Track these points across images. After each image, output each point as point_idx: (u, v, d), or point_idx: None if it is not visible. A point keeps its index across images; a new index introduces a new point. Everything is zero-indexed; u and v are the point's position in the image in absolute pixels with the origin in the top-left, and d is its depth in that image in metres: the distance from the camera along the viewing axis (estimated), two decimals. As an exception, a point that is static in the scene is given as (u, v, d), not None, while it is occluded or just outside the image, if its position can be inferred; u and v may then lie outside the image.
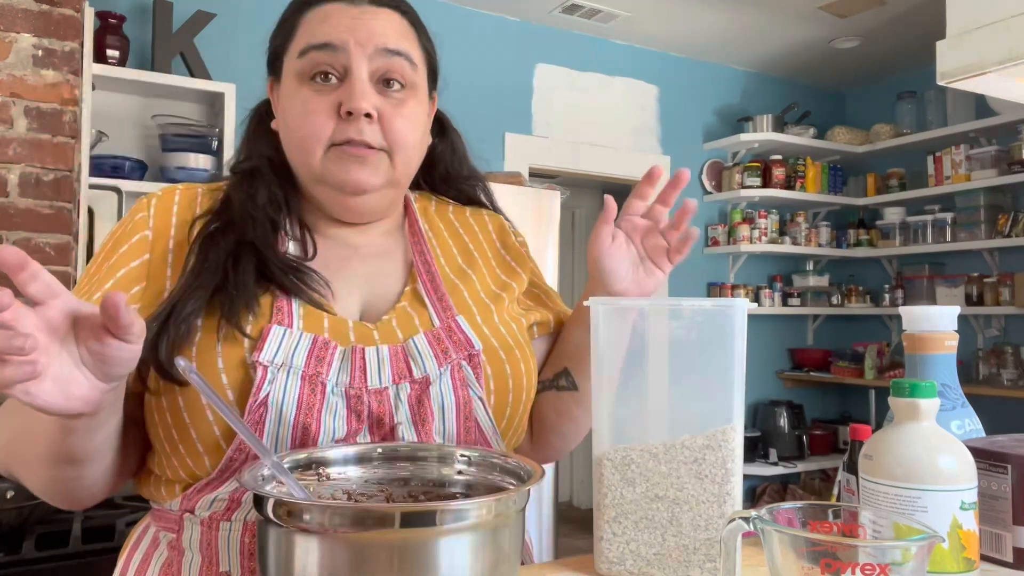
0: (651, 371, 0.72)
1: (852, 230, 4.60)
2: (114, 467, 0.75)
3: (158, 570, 0.77)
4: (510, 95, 3.85)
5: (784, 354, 4.71)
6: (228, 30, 3.16)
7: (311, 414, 0.73)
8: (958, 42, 1.25)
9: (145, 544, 0.81)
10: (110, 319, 0.54)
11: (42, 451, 0.68)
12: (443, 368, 0.78)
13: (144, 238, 0.81)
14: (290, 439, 0.73)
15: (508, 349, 0.84)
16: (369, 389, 0.75)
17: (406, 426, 0.76)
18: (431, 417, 0.77)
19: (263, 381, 0.72)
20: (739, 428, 0.69)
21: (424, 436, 0.76)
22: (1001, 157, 3.85)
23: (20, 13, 2.04)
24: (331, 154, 0.81)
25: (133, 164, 2.81)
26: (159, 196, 0.85)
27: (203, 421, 0.73)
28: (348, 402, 0.74)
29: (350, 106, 0.79)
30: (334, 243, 0.87)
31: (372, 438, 0.76)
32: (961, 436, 0.81)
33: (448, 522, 0.52)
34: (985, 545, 0.75)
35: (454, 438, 0.78)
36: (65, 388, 0.55)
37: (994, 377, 3.84)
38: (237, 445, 0.72)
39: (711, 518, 0.68)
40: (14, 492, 1.34)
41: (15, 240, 2.01)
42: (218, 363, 0.73)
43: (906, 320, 0.84)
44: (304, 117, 0.80)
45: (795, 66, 4.51)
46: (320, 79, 0.81)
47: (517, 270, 0.96)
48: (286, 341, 0.74)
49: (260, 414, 0.72)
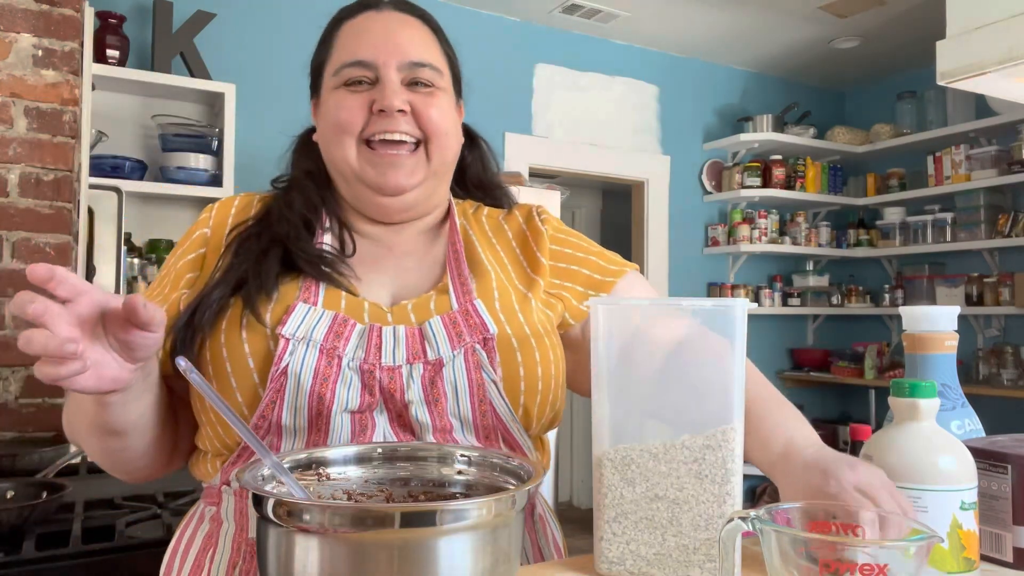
0: (651, 371, 0.72)
1: (852, 230, 4.60)
2: (161, 444, 0.84)
3: (200, 541, 0.84)
4: (510, 95, 3.85)
5: (784, 354, 4.71)
6: (228, 30, 3.16)
7: (326, 385, 0.78)
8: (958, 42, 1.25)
9: (194, 521, 0.87)
10: (130, 315, 0.61)
11: (88, 423, 0.77)
12: (456, 351, 0.81)
13: (203, 235, 0.91)
14: (307, 407, 0.78)
15: (523, 339, 0.84)
16: (382, 366, 0.79)
17: (418, 405, 0.79)
18: (444, 397, 0.80)
19: (284, 352, 0.78)
20: (739, 428, 0.69)
21: (437, 416, 0.79)
22: (1001, 157, 3.85)
23: (20, 13, 2.04)
24: (366, 155, 0.87)
25: (133, 164, 2.81)
26: (222, 201, 0.95)
27: (228, 390, 0.79)
28: (362, 377, 0.79)
29: (382, 104, 0.85)
30: (370, 242, 0.92)
31: (388, 414, 0.80)
32: (961, 436, 0.81)
33: (448, 522, 0.52)
34: (985, 545, 0.75)
35: (470, 420, 0.81)
36: (97, 371, 0.62)
37: (994, 377, 3.84)
38: (261, 412, 0.78)
39: (711, 518, 0.68)
40: (14, 492, 1.34)
41: (15, 240, 2.01)
42: (242, 336, 0.80)
43: (906, 320, 0.84)
44: (338, 112, 0.87)
45: (795, 66, 4.51)
46: (353, 84, 0.88)
47: (540, 258, 0.94)
48: (309, 317, 0.80)
49: (281, 383, 0.77)
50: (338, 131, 0.87)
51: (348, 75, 0.87)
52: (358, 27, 0.90)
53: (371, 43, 0.87)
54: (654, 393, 0.72)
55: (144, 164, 2.87)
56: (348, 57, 0.87)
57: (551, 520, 0.95)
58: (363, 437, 0.79)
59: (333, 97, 0.88)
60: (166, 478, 1.67)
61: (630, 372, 0.72)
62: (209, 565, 0.81)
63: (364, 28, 0.89)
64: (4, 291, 2.00)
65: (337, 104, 0.87)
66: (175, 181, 2.85)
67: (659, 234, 4.26)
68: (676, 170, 4.37)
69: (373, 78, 0.87)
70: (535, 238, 0.95)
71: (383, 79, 0.86)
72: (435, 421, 0.79)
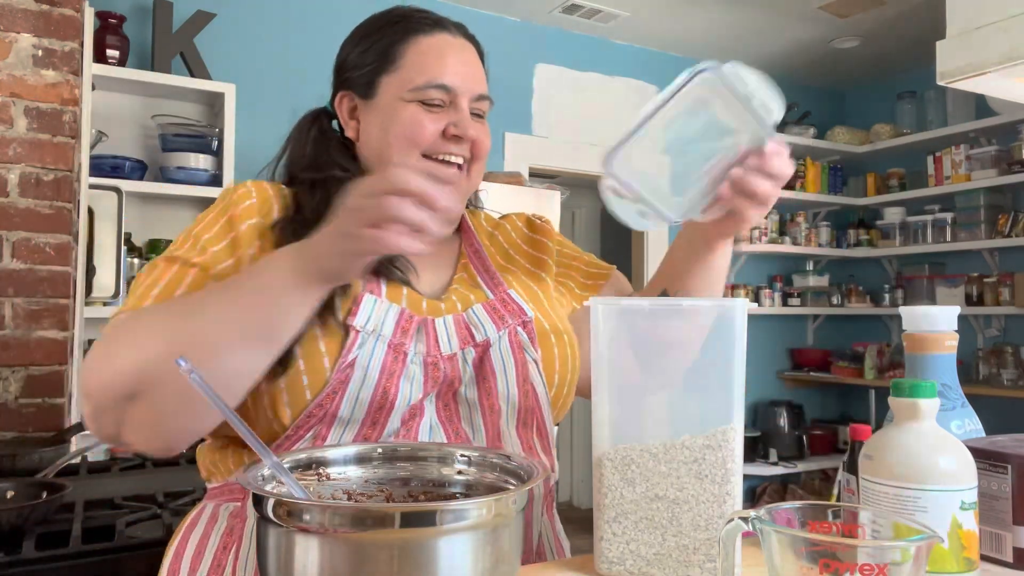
0: (651, 371, 0.72)
1: (852, 230, 4.60)
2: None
3: (219, 539, 0.83)
4: (510, 95, 3.85)
5: (784, 354, 4.71)
6: (228, 30, 3.16)
7: (392, 380, 0.80)
8: (958, 42, 1.25)
9: (203, 523, 0.86)
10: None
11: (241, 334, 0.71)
12: (501, 332, 0.88)
13: (254, 206, 0.88)
14: (370, 401, 0.80)
15: (553, 325, 0.93)
16: (443, 355, 0.84)
17: (468, 385, 0.84)
18: (492, 375, 0.85)
19: (354, 344, 0.80)
20: (739, 428, 0.69)
21: (485, 395, 0.84)
22: (1001, 157, 3.85)
23: (20, 13, 2.04)
24: (423, 166, 0.90)
25: (133, 164, 2.81)
26: (254, 183, 0.92)
27: (298, 379, 0.78)
28: (425, 369, 0.83)
29: (461, 132, 0.90)
30: None
31: (437, 402, 0.84)
32: (961, 436, 0.80)
33: (448, 522, 0.52)
34: (985, 545, 0.75)
35: (515, 402, 0.86)
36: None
37: (994, 377, 3.84)
38: (319, 401, 0.78)
39: (711, 518, 0.68)
40: (14, 492, 1.34)
41: (15, 240, 2.01)
42: (315, 325, 0.79)
43: (906, 320, 0.84)
44: (414, 127, 0.90)
45: (795, 66, 4.51)
46: (431, 104, 0.91)
47: (543, 258, 1.04)
48: (376, 309, 0.83)
49: (347, 375, 0.79)
50: (408, 144, 0.90)
51: (429, 95, 0.90)
52: (437, 48, 0.92)
53: (454, 71, 0.91)
54: (654, 393, 0.72)
55: (144, 164, 2.87)
56: (432, 78, 0.90)
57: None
58: (411, 423, 0.82)
59: (408, 110, 0.90)
60: (166, 478, 1.67)
61: (630, 372, 0.72)
62: (234, 563, 0.80)
63: (443, 51, 0.92)
64: (4, 291, 1.99)
65: (413, 119, 0.90)
66: (175, 181, 2.85)
67: (659, 234, 4.26)
68: (676, 170, 4.37)
69: (448, 102, 0.91)
70: (543, 237, 1.06)
71: (459, 107, 0.91)
72: (483, 400, 0.84)
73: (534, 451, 0.89)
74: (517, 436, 0.87)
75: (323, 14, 3.41)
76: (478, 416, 0.85)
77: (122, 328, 0.75)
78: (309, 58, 3.25)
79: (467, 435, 0.85)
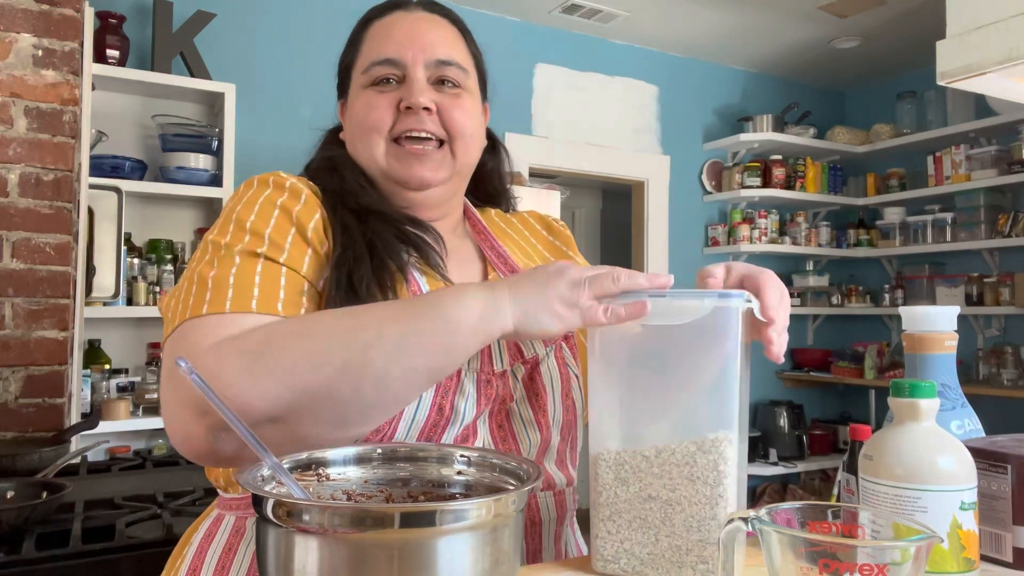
0: (648, 371, 0.72)
1: (852, 230, 4.60)
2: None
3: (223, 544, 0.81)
4: (510, 95, 3.85)
5: (784, 354, 4.70)
6: (228, 30, 3.16)
7: (447, 397, 0.78)
8: (958, 42, 1.24)
9: (223, 533, 0.81)
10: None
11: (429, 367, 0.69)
12: (548, 348, 0.85)
13: (315, 199, 0.83)
14: (425, 419, 0.76)
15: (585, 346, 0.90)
16: (495, 372, 0.81)
17: (521, 401, 0.82)
18: (544, 392, 0.83)
19: None
20: (733, 429, 0.69)
21: (537, 410, 0.82)
22: (1001, 157, 3.85)
23: (20, 13, 2.04)
24: (393, 150, 0.87)
25: (133, 164, 2.81)
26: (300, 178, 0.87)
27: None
28: (478, 387, 0.80)
29: (409, 101, 0.85)
30: None
31: (490, 421, 0.81)
32: (961, 436, 0.80)
33: (448, 522, 0.52)
34: (985, 545, 0.74)
35: (560, 419, 0.84)
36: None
37: (994, 377, 3.84)
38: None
39: (703, 520, 0.68)
40: (14, 492, 1.34)
41: (15, 240, 2.01)
42: None
43: (906, 320, 0.84)
44: (367, 112, 0.87)
45: (795, 66, 4.51)
46: (382, 83, 0.87)
47: (569, 254, 1.01)
48: None
49: None
50: (367, 130, 0.87)
51: (376, 74, 0.87)
52: (386, 26, 0.90)
53: (399, 42, 0.87)
54: (651, 393, 0.72)
55: (144, 164, 2.87)
56: (376, 56, 0.87)
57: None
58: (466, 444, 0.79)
59: (362, 97, 0.88)
60: (166, 478, 1.67)
61: (627, 372, 0.72)
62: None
63: (392, 27, 0.89)
64: (4, 291, 1.99)
65: (366, 103, 0.87)
66: (175, 181, 2.85)
67: (659, 234, 4.26)
68: (676, 170, 4.37)
69: (401, 76, 0.87)
70: (565, 247, 1.02)
71: (410, 77, 0.86)
72: (539, 418, 0.82)
73: (565, 464, 0.88)
74: (556, 450, 0.86)
75: (323, 14, 3.41)
76: (535, 433, 0.82)
77: (267, 345, 0.68)
78: (309, 58, 3.26)
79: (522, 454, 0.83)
